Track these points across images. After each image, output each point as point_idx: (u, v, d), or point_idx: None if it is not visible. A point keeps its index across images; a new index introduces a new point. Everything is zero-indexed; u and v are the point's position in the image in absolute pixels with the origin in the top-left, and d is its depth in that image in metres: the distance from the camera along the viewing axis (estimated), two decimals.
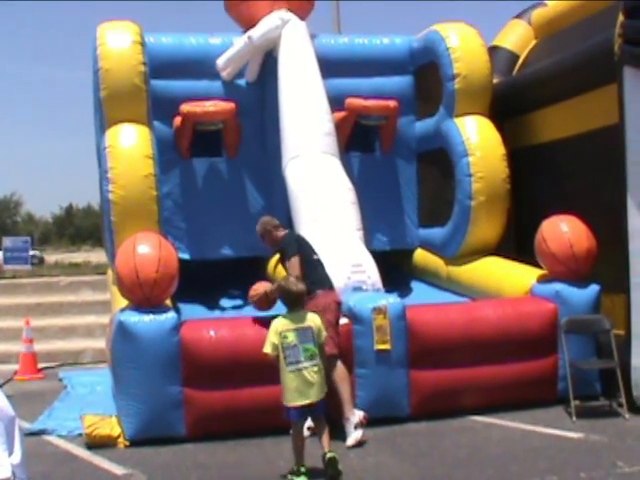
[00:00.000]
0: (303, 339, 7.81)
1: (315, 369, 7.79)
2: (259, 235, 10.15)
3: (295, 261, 9.58)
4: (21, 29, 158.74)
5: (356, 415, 9.11)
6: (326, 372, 8.27)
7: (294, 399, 7.73)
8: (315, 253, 9.97)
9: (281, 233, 10.06)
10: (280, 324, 7.91)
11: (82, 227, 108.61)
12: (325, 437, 7.88)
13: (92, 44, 12.15)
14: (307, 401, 7.72)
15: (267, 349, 7.87)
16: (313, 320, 8.01)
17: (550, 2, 14.87)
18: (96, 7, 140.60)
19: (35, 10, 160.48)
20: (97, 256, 39.93)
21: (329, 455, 7.73)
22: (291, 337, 7.80)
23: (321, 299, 9.29)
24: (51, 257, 54.30)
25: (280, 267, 12.56)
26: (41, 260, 46.92)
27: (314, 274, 9.47)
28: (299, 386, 7.72)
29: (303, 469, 7.76)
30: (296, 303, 8.08)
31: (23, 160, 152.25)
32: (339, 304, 9.64)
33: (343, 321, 9.65)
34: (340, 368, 9.31)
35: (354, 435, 9.00)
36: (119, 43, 11.97)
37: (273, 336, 7.85)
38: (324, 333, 8.12)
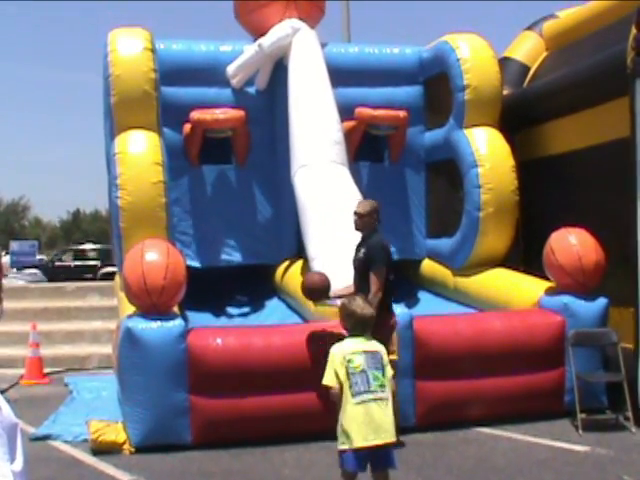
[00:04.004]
0: (372, 365, 6.31)
1: (386, 403, 6.29)
2: (360, 213, 9.48)
3: (381, 273, 9.13)
4: (30, 32, 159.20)
5: None
6: None
7: (359, 439, 6.18)
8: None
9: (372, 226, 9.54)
10: (344, 347, 6.42)
11: (89, 232, 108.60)
12: None
13: (103, 50, 12.18)
14: (376, 442, 6.19)
15: (327, 381, 6.35)
16: (381, 347, 6.56)
17: (561, 14, 14.87)
18: (105, 11, 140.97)
19: (42, 13, 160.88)
20: None
21: None
22: (358, 361, 6.29)
23: (394, 320, 9.20)
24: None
25: (290, 275, 12.58)
26: None
27: (388, 293, 9.18)
28: (368, 422, 6.19)
29: None
30: (361, 329, 6.54)
31: (31, 164, 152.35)
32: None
33: None
34: None
35: None
36: (130, 50, 12.00)
37: (335, 363, 6.32)
38: (390, 367, 6.56)
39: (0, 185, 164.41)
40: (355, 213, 9.51)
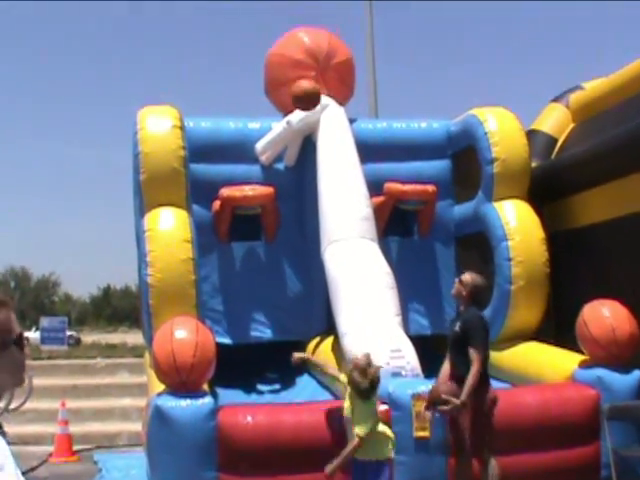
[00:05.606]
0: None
1: None
2: (461, 288, 9.47)
3: (481, 350, 9.07)
4: (65, 111, 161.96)
5: None
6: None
7: None
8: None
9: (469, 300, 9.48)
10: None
11: (119, 308, 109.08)
12: None
13: (132, 128, 12.30)
14: None
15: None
16: None
17: (587, 85, 14.92)
18: (135, 89, 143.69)
19: (76, 93, 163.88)
20: (134, 337, 39.98)
21: None
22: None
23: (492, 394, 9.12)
24: (88, 338, 54.53)
25: (321, 351, 12.49)
26: (78, 341, 47.15)
27: (485, 369, 9.16)
28: None
29: None
30: (360, 396, 8.18)
31: (62, 240, 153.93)
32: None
33: (382, 407, 9.52)
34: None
35: None
36: (159, 127, 12.11)
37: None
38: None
39: (30, 261, 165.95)
40: (458, 279, 9.51)
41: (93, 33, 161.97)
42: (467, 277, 9.40)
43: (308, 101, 12.05)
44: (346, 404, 8.45)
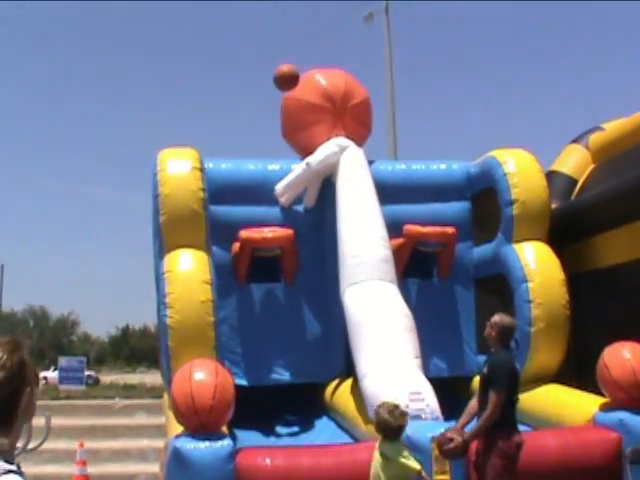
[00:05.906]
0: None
1: None
2: (490, 330, 9.26)
3: (500, 395, 8.74)
4: (81, 149, 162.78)
5: None
6: None
7: None
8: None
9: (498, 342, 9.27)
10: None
11: (137, 348, 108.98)
12: None
13: (152, 170, 12.37)
14: None
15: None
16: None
17: (607, 126, 14.92)
18: (155, 131, 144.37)
19: (96, 134, 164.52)
20: (152, 378, 39.96)
21: None
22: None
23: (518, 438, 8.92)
24: (106, 378, 54.52)
25: (340, 394, 12.45)
26: (96, 381, 47.13)
27: (511, 412, 8.99)
28: None
29: None
30: (388, 435, 8.20)
31: (80, 280, 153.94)
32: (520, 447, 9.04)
33: None
34: None
35: None
36: (179, 169, 12.18)
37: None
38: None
39: (49, 300, 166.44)
40: (489, 322, 9.34)
41: (112, 72, 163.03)
42: (496, 318, 9.29)
43: (284, 82, 12.20)
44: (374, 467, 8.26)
